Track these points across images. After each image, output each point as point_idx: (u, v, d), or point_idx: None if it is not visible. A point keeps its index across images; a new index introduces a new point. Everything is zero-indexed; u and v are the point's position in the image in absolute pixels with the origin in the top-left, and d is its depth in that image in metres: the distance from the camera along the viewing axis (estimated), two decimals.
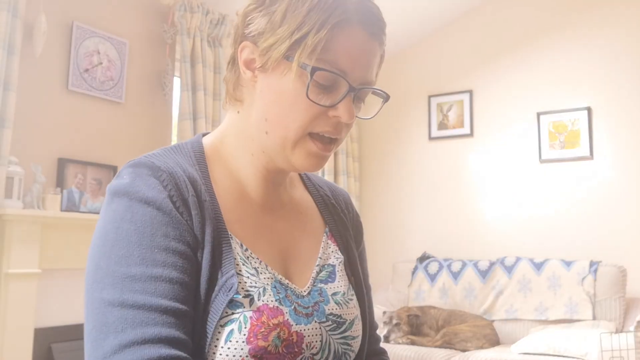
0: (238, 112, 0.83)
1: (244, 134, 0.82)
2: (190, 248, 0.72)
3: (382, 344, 1.05)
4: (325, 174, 4.44)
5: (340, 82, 0.75)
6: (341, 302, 0.84)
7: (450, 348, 3.33)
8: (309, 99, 0.74)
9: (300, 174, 0.97)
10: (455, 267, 3.97)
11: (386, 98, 0.82)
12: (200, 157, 0.82)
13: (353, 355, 0.85)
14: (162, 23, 3.48)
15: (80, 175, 3.00)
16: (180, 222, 0.72)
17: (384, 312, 3.68)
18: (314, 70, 0.73)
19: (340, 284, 0.87)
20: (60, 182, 2.91)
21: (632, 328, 2.90)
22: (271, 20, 0.75)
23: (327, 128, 0.77)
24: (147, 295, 0.67)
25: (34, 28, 2.79)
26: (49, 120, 2.92)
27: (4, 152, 2.58)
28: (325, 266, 0.87)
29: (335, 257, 0.89)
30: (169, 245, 0.70)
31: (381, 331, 3.52)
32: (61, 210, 2.84)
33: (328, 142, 0.78)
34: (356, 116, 0.79)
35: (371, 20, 0.76)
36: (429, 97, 4.58)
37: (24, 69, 2.78)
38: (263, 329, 0.72)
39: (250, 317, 0.72)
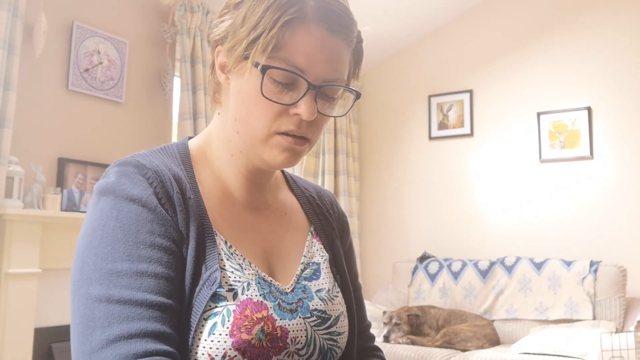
0: (218, 114, 0.86)
1: (223, 135, 0.84)
2: (175, 244, 0.73)
3: (383, 344, 1.05)
4: (326, 174, 4.44)
5: (300, 80, 0.75)
6: (325, 298, 0.85)
7: (451, 348, 3.33)
8: (264, 96, 0.75)
9: (285, 177, 0.98)
10: (456, 267, 3.97)
11: (357, 95, 0.81)
12: (185, 158, 0.84)
13: (340, 352, 0.86)
14: (162, 23, 3.48)
15: (81, 175, 3.00)
16: (165, 219, 0.73)
17: (384, 312, 3.68)
18: (264, 68, 0.74)
19: (325, 281, 0.88)
20: (60, 182, 2.91)
21: (632, 328, 2.90)
22: (234, 23, 0.77)
23: (290, 127, 0.77)
24: (133, 290, 0.68)
25: (34, 28, 2.79)
26: (49, 120, 2.92)
27: (4, 152, 2.58)
28: (310, 264, 0.88)
29: (320, 255, 0.91)
30: (154, 242, 0.71)
31: (381, 331, 3.52)
32: (61, 210, 2.84)
33: (299, 137, 0.78)
34: (323, 114, 0.78)
35: (330, 17, 0.75)
36: (429, 97, 4.58)
37: (24, 69, 2.78)
38: (247, 323, 0.73)
39: (234, 311, 0.73)
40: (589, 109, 3.96)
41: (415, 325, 3.57)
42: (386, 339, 3.45)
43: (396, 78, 4.71)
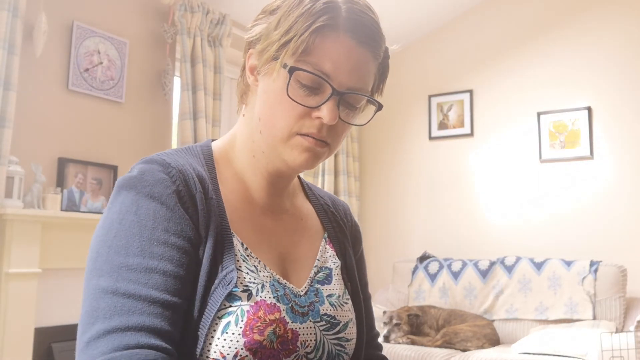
0: (243, 115, 0.88)
1: (246, 135, 0.86)
2: (190, 243, 0.75)
3: (383, 344, 1.07)
4: (326, 174, 4.44)
5: (325, 85, 0.78)
6: (336, 304, 0.87)
7: (451, 348, 3.33)
8: (288, 97, 0.77)
9: (302, 184, 1.00)
10: (456, 266, 3.97)
11: (379, 107, 0.84)
12: (208, 159, 0.86)
13: (347, 358, 0.87)
14: (162, 23, 3.48)
15: (81, 175, 3.00)
16: (183, 218, 0.75)
17: (384, 312, 3.68)
18: (292, 69, 0.77)
19: (336, 286, 0.89)
20: (60, 182, 2.91)
21: (632, 328, 2.90)
22: (268, 27, 0.80)
23: (311, 130, 0.79)
24: (139, 285, 0.69)
25: (34, 28, 2.79)
26: (49, 120, 2.92)
27: (4, 152, 2.58)
28: (323, 268, 0.90)
29: (333, 262, 0.92)
30: (168, 240, 0.73)
31: (381, 331, 3.52)
32: (61, 210, 2.84)
33: (319, 140, 0.80)
34: (344, 121, 0.81)
35: (359, 28, 0.78)
36: (429, 97, 4.58)
37: (24, 69, 2.78)
38: (259, 324, 0.74)
39: (247, 311, 0.74)
40: (589, 109, 3.96)
41: (415, 325, 3.57)
42: (386, 339, 3.45)
43: (396, 78, 4.70)
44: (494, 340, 3.46)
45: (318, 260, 0.90)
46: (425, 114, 4.60)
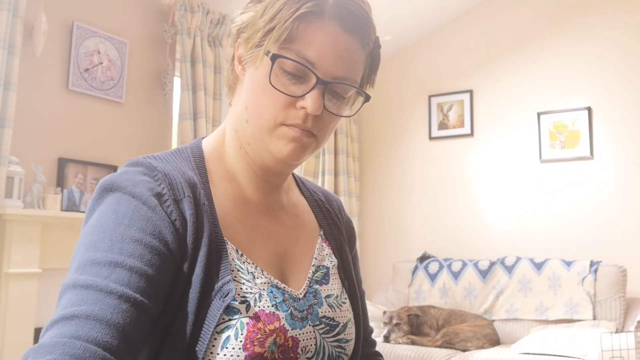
0: (231, 104, 0.86)
1: (234, 125, 0.84)
2: (166, 247, 0.70)
3: (383, 344, 1.06)
4: (326, 174, 4.44)
5: (310, 73, 0.75)
6: (334, 304, 0.85)
7: (451, 348, 3.33)
8: (271, 85, 0.75)
9: (295, 180, 0.97)
10: (456, 267, 3.97)
11: (366, 97, 0.81)
12: (199, 161, 0.83)
13: (347, 359, 0.86)
14: (163, 23, 3.48)
15: (81, 175, 3.00)
16: (162, 220, 0.71)
17: (384, 312, 3.68)
18: (274, 57, 0.74)
19: (333, 286, 0.87)
20: (60, 182, 2.91)
21: (632, 328, 2.90)
22: (254, 15, 0.78)
23: (297, 120, 0.76)
24: (99, 277, 0.65)
25: (34, 28, 2.79)
26: (49, 120, 2.92)
27: (4, 152, 2.58)
28: (320, 267, 0.88)
29: (329, 261, 0.90)
30: (141, 239, 0.69)
31: (381, 331, 3.52)
32: (61, 210, 2.84)
33: (305, 130, 0.78)
34: (330, 111, 0.78)
35: (346, 16, 0.75)
36: (429, 97, 4.58)
37: (24, 69, 2.78)
38: (259, 335, 0.72)
39: (247, 324, 0.72)
40: (589, 109, 3.96)
41: (416, 325, 3.57)
42: (386, 339, 3.45)
43: (396, 78, 4.71)
44: (494, 341, 3.46)
45: (315, 259, 0.87)
46: (425, 114, 4.60)
